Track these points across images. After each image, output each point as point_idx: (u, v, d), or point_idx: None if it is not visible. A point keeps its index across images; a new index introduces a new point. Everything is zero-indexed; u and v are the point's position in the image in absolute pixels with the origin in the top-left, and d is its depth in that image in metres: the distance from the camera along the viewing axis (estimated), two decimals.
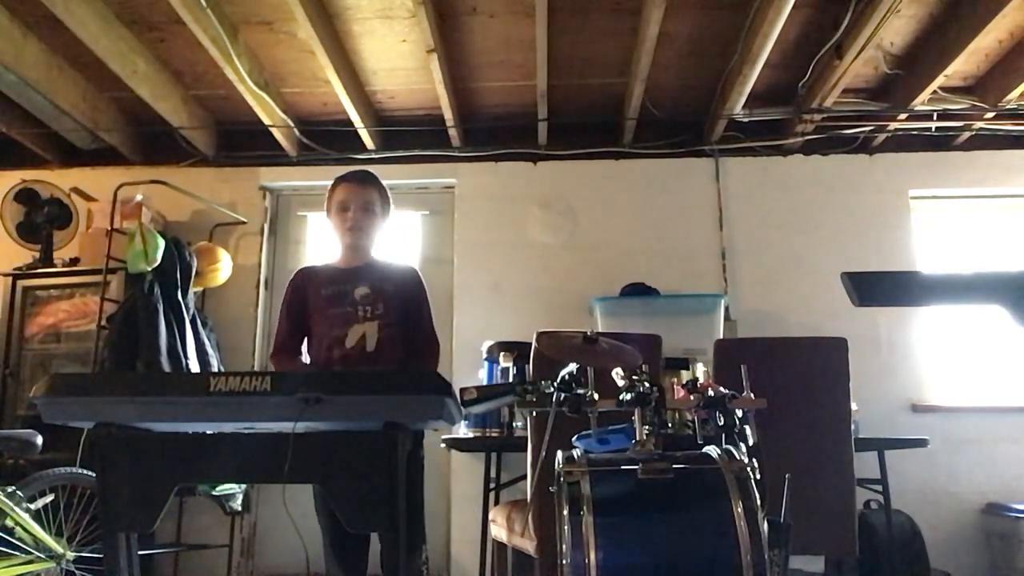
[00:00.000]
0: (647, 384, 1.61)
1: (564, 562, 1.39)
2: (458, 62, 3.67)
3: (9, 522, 2.52)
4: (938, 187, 4.11)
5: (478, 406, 1.78)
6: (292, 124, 4.08)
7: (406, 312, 2.34)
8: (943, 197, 4.15)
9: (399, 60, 3.67)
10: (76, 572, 2.75)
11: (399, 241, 4.32)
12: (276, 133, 4.05)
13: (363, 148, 4.22)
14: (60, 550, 2.69)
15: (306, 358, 2.39)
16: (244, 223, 4.22)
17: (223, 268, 3.94)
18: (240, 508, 3.64)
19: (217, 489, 3.45)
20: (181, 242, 3.77)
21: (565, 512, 1.43)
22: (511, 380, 3.07)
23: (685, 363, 3.04)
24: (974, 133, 4.02)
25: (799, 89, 3.77)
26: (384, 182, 2.26)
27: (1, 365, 3.69)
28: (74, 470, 2.82)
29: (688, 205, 4.13)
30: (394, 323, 2.28)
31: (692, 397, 1.73)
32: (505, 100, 4.04)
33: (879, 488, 2.99)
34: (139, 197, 3.71)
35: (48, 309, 3.74)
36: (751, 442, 1.62)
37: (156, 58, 3.66)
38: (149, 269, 3.51)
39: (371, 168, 4.16)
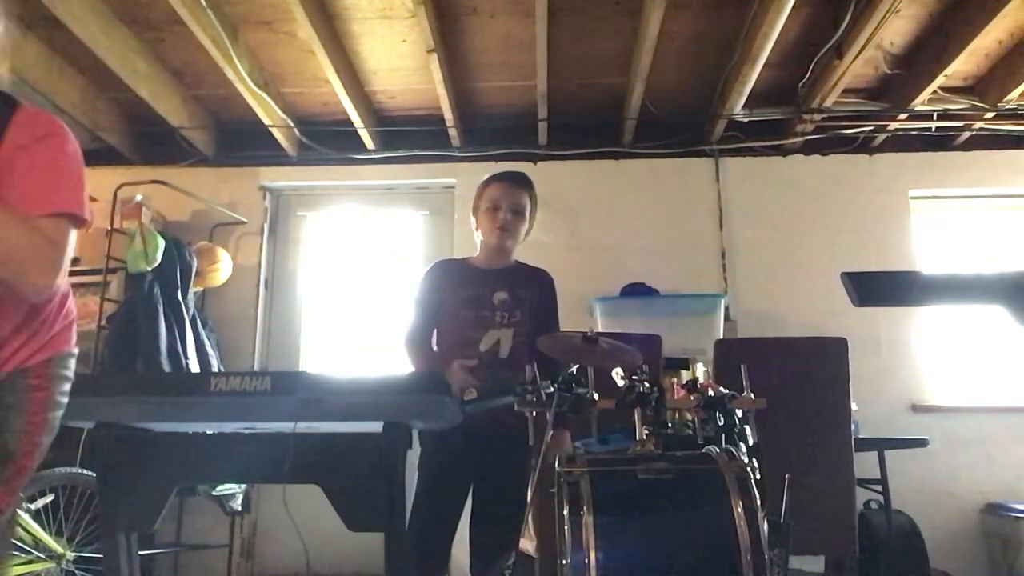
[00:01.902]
0: (647, 384, 1.62)
1: (564, 562, 1.39)
2: (458, 62, 3.67)
3: None
4: (938, 187, 4.11)
5: (478, 406, 1.79)
6: (292, 124, 4.08)
7: (538, 320, 2.32)
8: (943, 197, 4.15)
9: (399, 60, 3.67)
10: (76, 572, 2.75)
11: (399, 241, 4.32)
12: (276, 133, 4.05)
13: (363, 148, 4.21)
14: (60, 550, 2.69)
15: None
16: (244, 223, 4.22)
17: (223, 268, 3.94)
18: (240, 508, 3.64)
19: (217, 489, 3.45)
20: (181, 242, 3.77)
21: (565, 512, 1.43)
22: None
23: (685, 363, 3.04)
24: (974, 133, 4.02)
25: (799, 89, 3.76)
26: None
27: None
28: (74, 470, 2.82)
29: (688, 205, 4.13)
30: (528, 331, 2.27)
31: (692, 397, 1.73)
32: (505, 100, 4.03)
33: (879, 488, 3.00)
34: (139, 197, 3.70)
35: None
36: (751, 442, 1.62)
37: (156, 58, 3.65)
38: (149, 269, 3.51)
39: (371, 168, 4.27)
